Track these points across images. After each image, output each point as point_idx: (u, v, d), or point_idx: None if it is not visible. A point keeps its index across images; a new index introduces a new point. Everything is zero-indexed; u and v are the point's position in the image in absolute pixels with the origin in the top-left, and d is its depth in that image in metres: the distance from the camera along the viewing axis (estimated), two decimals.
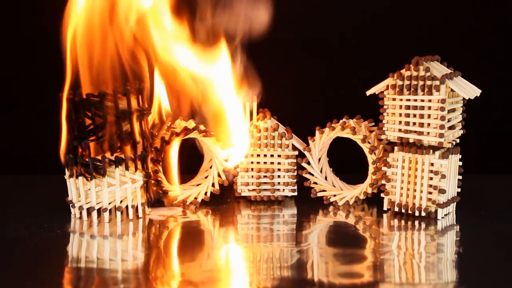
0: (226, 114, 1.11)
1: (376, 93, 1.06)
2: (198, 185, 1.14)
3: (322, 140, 1.11)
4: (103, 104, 1.01)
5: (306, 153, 1.12)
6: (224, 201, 1.13)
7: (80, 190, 1.02)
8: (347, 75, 1.34)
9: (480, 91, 1.04)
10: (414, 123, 1.02)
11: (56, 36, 1.09)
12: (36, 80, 1.34)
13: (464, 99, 1.04)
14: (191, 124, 1.11)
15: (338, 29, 1.33)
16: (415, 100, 1.02)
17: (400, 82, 1.03)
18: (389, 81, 1.04)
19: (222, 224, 1.03)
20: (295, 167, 1.12)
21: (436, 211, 1.03)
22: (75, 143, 1.02)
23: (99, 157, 1.01)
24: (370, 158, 1.08)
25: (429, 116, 1.01)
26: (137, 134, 1.04)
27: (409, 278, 0.83)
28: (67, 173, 1.02)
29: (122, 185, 1.03)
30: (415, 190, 1.03)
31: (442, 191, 1.01)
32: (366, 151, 1.08)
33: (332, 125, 1.09)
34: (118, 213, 1.03)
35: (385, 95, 1.04)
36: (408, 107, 1.03)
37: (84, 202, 1.02)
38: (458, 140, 1.06)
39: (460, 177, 1.07)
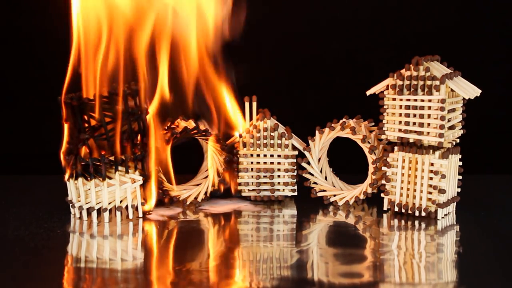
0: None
1: (376, 93, 1.06)
2: (198, 185, 1.14)
3: (322, 140, 1.11)
4: (100, 107, 1.01)
5: (306, 153, 1.12)
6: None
7: (80, 190, 1.02)
8: (347, 75, 1.34)
9: (480, 91, 1.04)
10: (414, 123, 1.02)
11: (56, 36, 1.09)
12: (36, 80, 1.34)
13: (464, 99, 1.04)
14: (191, 124, 1.12)
15: (338, 29, 1.33)
16: (415, 100, 1.02)
17: (400, 82, 1.03)
18: (389, 81, 1.04)
19: (222, 224, 1.03)
20: (295, 167, 1.12)
21: (436, 211, 1.03)
22: (79, 144, 1.02)
23: (99, 158, 1.01)
24: (370, 158, 1.08)
25: (429, 116, 1.01)
26: (135, 134, 1.05)
27: (409, 278, 0.83)
28: (67, 173, 1.02)
29: (122, 185, 1.03)
30: (415, 190, 1.03)
31: (442, 191, 1.01)
32: (366, 151, 1.08)
33: (332, 125, 1.09)
34: (118, 213, 1.03)
35: (385, 95, 1.04)
36: (408, 107, 1.03)
37: (84, 202, 1.02)
38: (458, 140, 1.06)
39: (460, 177, 1.07)
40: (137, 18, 1.07)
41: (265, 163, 1.12)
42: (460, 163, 1.07)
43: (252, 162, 1.12)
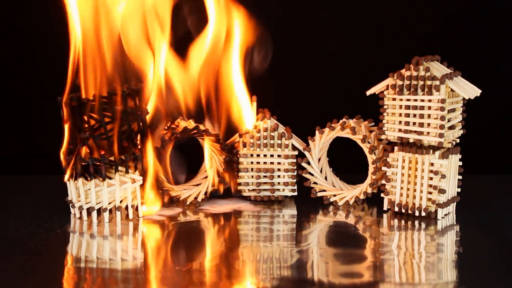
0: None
1: (376, 93, 1.06)
2: (198, 185, 1.14)
3: (322, 140, 1.11)
4: (100, 107, 1.01)
5: (306, 153, 1.12)
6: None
7: (80, 190, 1.02)
8: (347, 75, 1.34)
9: (480, 91, 1.04)
10: (414, 123, 1.02)
11: (56, 36, 1.09)
12: (37, 80, 1.34)
13: (464, 99, 1.04)
14: (191, 124, 1.12)
15: (338, 29, 1.33)
16: (415, 100, 1.02)
17: (400, 82, 1.03)
18: (389, 81, 1.04)
19: (222, 224, 1.03)
20: (295, 167, 1.12)
21: (436, 211, 1.03)
22: (79, 144, 1.02)
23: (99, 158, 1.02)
24: (370, 158, 1.08)
25: (429, 116, 1.01)
26: (135, 134, 1.05)
27: (409, 278, 0.83)
28: (67, 173, 1.02)
29: (122, 185, 1.03)
30: (415, 190, 1.03)
31: (442, 191, 1.01)
32: (366, 151, 1.08)
33: (332, 125, 1.09)
34: (118, 213, 1.03)
35: (385, 95, 1.05)
36: (408, 107, 1.03)
37: (84, 202, 1.02)
38: (458, 140, 1.06)
39: (460, 177, 1.07)
40: (133, 17, 1.08)
41: (265, 163, 1.12)
42: (460, 163, 1.07)
43: (252, 162, 1.12)
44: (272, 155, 1.12)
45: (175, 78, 1.13)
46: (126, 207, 1.04)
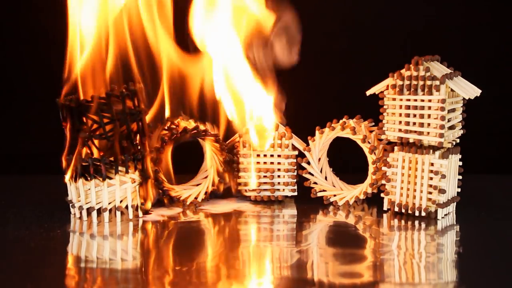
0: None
1: (376, 93, 1.06)
2: (198, 185, 1.14)
3: (322, 140, 1.11)
4: (98, 108, 1.01)
5: (306, 153, 1.12)
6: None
7: (80, 190, 1.02)
8: (347, 75, 1.34)
9: (480, 91, 1.04)
10: (414, 123, 1.02)
11: (57, 36, 1.09)
12: (37, 81, 1.34)
13: (464, 99, 1.04)
14: (191, 124, 1.12)
15: (338, 29, 1.33)
16: (415, 100, 1.02)
17: (400, 82, 1.03)
18: (389, 81, 1.04)
19: (222, 224, 1.03)
20: (295, 167, 1.12)
21: (436, 211, 1.03)
22: (80, 145, 1.02)
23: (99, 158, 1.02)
24: (370, 158, 1.08)
25: (429, 116, 1.01)
26: (134, 135, 1.05)
27: (409, 278, 0.83)
28: (68, 174, 1.02)
29: (122, 185, 1.03)
30: (415, 190, 1.03)
31: (442, 191, 1.01)
32: (366, 151, 1.08)
33: (332, 125, 1.09)
34: (118, 213, 1.03)
35: (385, 95, 1.05)
36: (408, 107, 1.03)
37: (84, 202, 1.02)
38: (458, 140, 1.06)
39: (460, 177, 1.07)
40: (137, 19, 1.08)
41: (265, 163, 1.12)
42: (460, 163, 1.07)
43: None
44: (272, 155, 1.12)
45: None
46: (126, 207, 1.04)
